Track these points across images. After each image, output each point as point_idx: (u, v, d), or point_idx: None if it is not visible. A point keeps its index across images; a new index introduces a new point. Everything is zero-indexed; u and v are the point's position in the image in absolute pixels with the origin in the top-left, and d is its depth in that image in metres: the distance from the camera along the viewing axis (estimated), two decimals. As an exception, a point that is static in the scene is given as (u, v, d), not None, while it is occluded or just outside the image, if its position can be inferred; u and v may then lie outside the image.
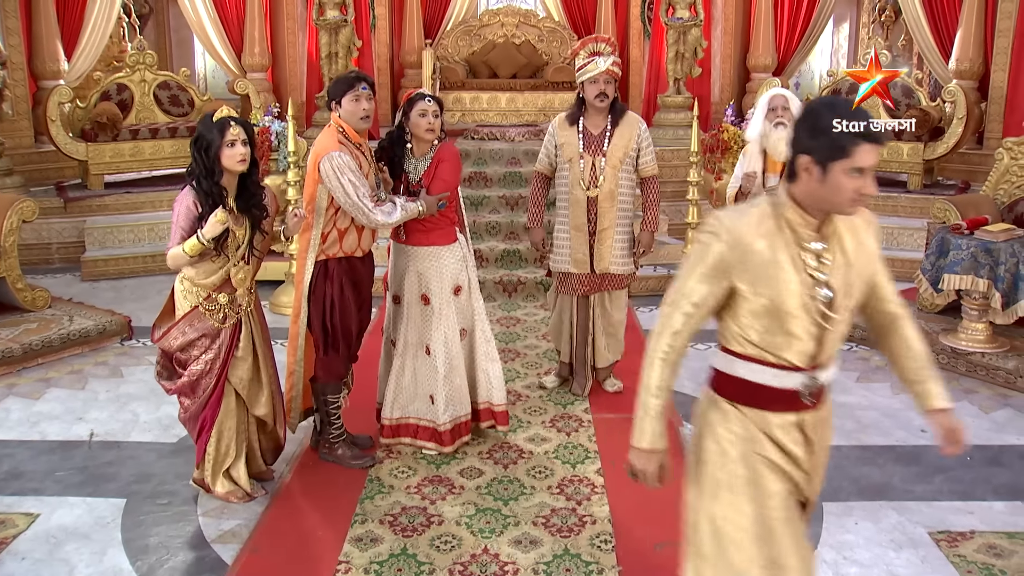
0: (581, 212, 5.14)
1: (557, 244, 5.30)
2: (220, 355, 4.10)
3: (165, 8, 13.34)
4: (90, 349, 6.25)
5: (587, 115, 5.15)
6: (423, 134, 4.51)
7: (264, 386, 4.30)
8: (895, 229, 8.27)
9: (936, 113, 8.72)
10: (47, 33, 9.24)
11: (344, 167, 4.22)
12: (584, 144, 5.11)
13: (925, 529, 4.06)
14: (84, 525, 4.08)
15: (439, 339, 4.63)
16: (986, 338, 5.86)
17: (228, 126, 3.88)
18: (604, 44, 5.07)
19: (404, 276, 4.67)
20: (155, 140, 9.01)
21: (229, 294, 4.06)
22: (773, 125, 5.02)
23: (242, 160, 3.90)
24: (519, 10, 11.36)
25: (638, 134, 5.13)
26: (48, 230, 8.40)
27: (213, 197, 3.88)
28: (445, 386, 4.65)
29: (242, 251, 4.05)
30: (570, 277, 5.28)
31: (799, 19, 10.57)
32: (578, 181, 5.11)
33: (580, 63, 5.07)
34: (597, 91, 5.03)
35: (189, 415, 4.19)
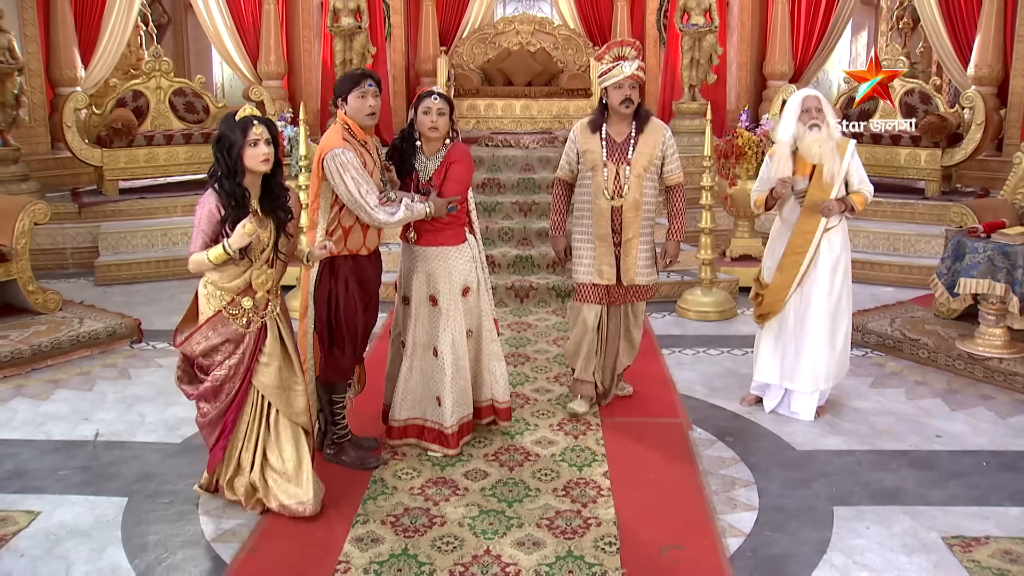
0: (605, 222, 4.94)
1: (579, 255, 5.10)
2: (244, 360, 3.96)
3: (183, 18, 13.42)
4: (99, 351, 6.25)
5: (610, 121, 4.95)
6: (427, 132, 4.48)
7: (300, 392, 4.13)
8: (912, 236, 8.17)
9: (954, 119, 8.61)
10: (64, 40, 9.33)
11: (347, 164, 4.18)
12: (608, 152, 4.91)
13: (939, 534, 3.96)
14: (84, 523, 4.05)
15: (447, 340, 4.58)
16: (1004, 343, 5.75)
17: (251, 125, 3.78)
18: (629, 48, 4.89)
19: (413, 276, 4.63)
20: (170, 146, 9.05)
21: (253, 298, 3.93)
22: (808, 127, 4.89)
23: (265, 160, 3.79)
24: (534, 18, 11.34)
25: (663, 141, 4.93)
26: (63, 235, 8.44)
27: (236, 199, 3.77)
28: (452, 388, 4.62)
29: (267, 255, 3.93)
30: (595, 288, 5.07)
31: (816, 26, 10.50)
32: (602, 191, 4.91)
33: (604, 68, 4.88)
34: (622, 97, 4.83)
35: (208, 420, 4.05)
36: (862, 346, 6.35)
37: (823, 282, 5.01)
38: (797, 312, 5.09)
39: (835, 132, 4.94)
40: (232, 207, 3.77)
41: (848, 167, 4.96)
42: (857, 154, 5.04)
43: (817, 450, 4.82)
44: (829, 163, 4.89)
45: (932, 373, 5.87)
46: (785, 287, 5.07)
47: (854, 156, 5.00)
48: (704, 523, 4.06)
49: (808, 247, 4.99)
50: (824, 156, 4.88)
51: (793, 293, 5.06)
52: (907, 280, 7.83)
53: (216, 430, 4.05)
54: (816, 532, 3.99)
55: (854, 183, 4.99)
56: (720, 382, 5.76)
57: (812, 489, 4.38)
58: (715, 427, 5.09)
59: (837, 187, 4.93)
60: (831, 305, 5.03)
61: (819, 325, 5.04)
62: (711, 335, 6.76)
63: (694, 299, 7.24)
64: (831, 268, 5.02)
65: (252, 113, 3.88)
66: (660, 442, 4.86)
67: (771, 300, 5.13)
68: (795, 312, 5.10)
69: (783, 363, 5.15)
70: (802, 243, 5.00)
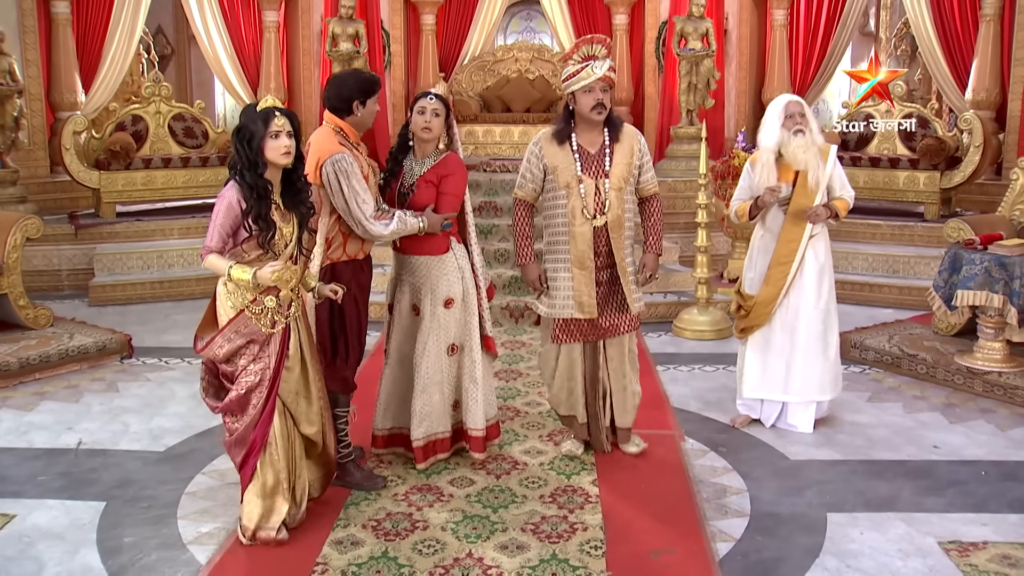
0: (586, 246, 4.36)
1: (555, 287, 4.49)
2: (271, 364, 3.68)
3: (186, 50, 13.55)
4: (88, 366, 6.19)
5: (579, 130, 4.41)
6: (420, 133, 4.34)
7: (313, 400, 3.89)
8: (912, 258, 8.11)
9: (953, 142, 8.59)
10: (66, 65, 9.40)
11: (348, 171, 4.02)
12: (582, 165, 4.36)
13: (935, 539, 3.85)
14: (59, 526, 3.97)
15: (420, 351, 4.44)
16: (1003, 357, 5.65)
17: (273, 116, 3.61)
18: (599, 46, 4.34)
19: (398, 285, 4.54)
20: (168, 170, 9.06)
21: (277, 296, 3.66)
22: (792, 133, 4.79)
23: (286, 153, 3.62)
24: (533, 46, 11.41)
25: (639, 149, 4.47)
26: (58, 256, 8.43)
27: (259, 190, 3.58)
28: (419, 400, 4.44)
29: (291, 250, 3.73)
30: (577, 323, 4.49)
31: (814, 53, 10.52)
32: (580, 210, 4.34)
33: (571, 69, 4.35)
34: (593, 101, 4.29)
35: (236, 438, 3.72)
36: (860, 363, 6.26)
37: (810, 291, 4.91)
38: (784, 323, 4.96)
39: (817, 137, 4.86)
40: (255, 199, 3.58)
41: (831, 172, 4.88)
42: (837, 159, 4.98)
43: (811, 460, 4.72)
44: (814, 169, 4.80)
45: (931, 388, 5.77)
46: (772, 300, 4.94)
47: (837, 162, 4.93)
48: (694, 528, 3.96)
49: (794, 256, 4.88)
50: (808, 162, 4.80)
51: (779, 304, 4.94)
52: (906, 302, 7.74)
53: (244, 448, 3.71)
54: (808, 537, 3.89)
55: (836, 188, 4.91)
56: (714, 396, 5.67)
57: (805, 497, 4.28)
58: (707, 439, 4.99)
59: (821, 193, 4.84)
60: (820, 313, 4.93)
61: (810, 335, 4.92)
62: (707, 353, 6.68)
63: (690, 318, 7.17)
64: (817, 277, 4.91)
65: (274, 104, 3.67)
66: (651, 452, 4.76)
67: (758, 313, 4.99)
68: (782, 323, 4.96)
69: (773, 377, 5.01)
70: (788, 252, 4.89)
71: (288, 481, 3.78)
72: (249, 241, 3.62)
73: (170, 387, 5.80)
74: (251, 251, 3.63)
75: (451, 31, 11.62)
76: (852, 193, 4.97)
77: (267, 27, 10.61)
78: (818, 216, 4.81)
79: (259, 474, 3.73)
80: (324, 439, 3.96)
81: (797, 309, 4.93)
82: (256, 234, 3.60)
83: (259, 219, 3.58)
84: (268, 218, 3.61)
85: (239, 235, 3.62)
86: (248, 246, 3.62)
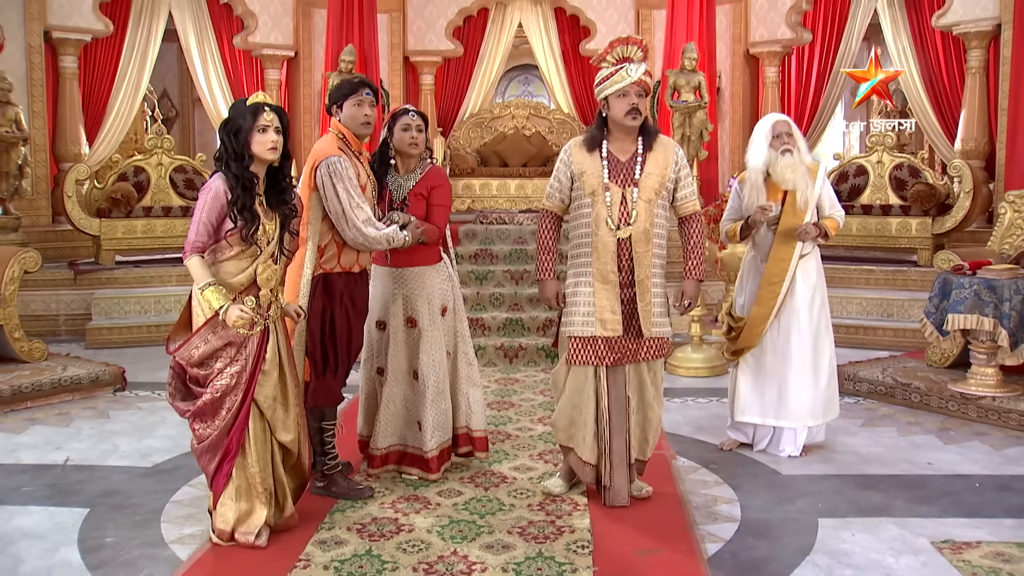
0: (609, 258, 4.07)
1: (574, 302, 4.17)
2: (247, 367, 3.60)
3: (191, 111, 13.85)
4: (81, 396, 6.17)
5: (611, 138, 4.13)
6: (407, 148, 4.40)
7: (291, 407, 3.79)
8: (905, 301, 8.11)
9: (944, 189, 8.69)
10: (71, 117, 9.60)
11: (341, 173, 4.02)
12: (610, 173, 4.07)
13: (928, 540, 3.80)
14: (41, 528, 3.93)
15: (427, 362, 4.45)
16: (996, 382, 5.63)
17: (262, 110, 3.58)
18: (635, 47, 4.10)
19: (390, 300, 4.52)
20: (168, 219, 9.14)
21: (257, 296, 3.63)
22: (780, 152, 4.80)
23: (273, 148, 3.59)
24: (530, 103, 11.66)
25: (675, 160, 4.15)
26: (57, 302, 8.45)
27: (244, 182, 3.54)
28: (432, 411, 4.46)
29: (272, 248, 3.67)
30: (594, 343, 4.11)
31: (805, 109, 10.75)
32: (604, 219, 4.05)
33: (604, 73, 4.09)
34: (628, 106, 4.00)
35: (207, 444, 3.61)
36: (853, 394, 6.22)
37: (802, 312, 4.86)
38: (775, 345, 4.90)
39: (805, 156, 4.87)
40: (240, 190, 3.55)
41: (820, 191, 4.88)
42: (827, 179, 5.01)
43: (803, 474, 4.67)
44: (803, 188, 4.81)
45: (925, 415, 5.73)
46: (763, 320, 4.89)
47: (826, 180, 4.96)
48: (683, 531, 3.92)
49: (784, 275, 4.85)
50: (797, 181, 4.81)
51: (771, 325, 4.89)
52: (901, 343, 7.73)
53: (217, 454, 3.62)
54: (799, 539, 3.84)
55: (826, 208, 4.91)
56: (707, 423, 5.63)
57: (796, 505, 4.24)
58: (699, 457, 4.95)
59: (811, 212, 4.85)
60: (811, 335, 4.87)
61: (801, 357, 4.86)
62: (701, 388, 6.65)
63: (684, 356, 7.16)
64: (809, 297, 4.87)
65: (264, 100, 3.66)
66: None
67: (748, 334, 4.95)
68: (773, 345, 4.91)
69: (765, 400, 4.94)
70: (778, 271, 4.87)
71: (264, 484, 3.70)
72: (232, 234, 3.57)
73: (162, 414, 5.78)
74: (234, 244, 3.58)
75: (449, 92, 11.89)
76: (842, 212, 4.98)
77: (269, 85, 10.88)
78: (807, 234, 4.81)
79: (234, 478, 3.66)
80: (300, 448, 3.86)
81: (788, 330, 4.88)
82: (240, 226, 3.56)
83: (244, 209, 3.55)
84: (253, 210, 3.58)
85: (223, 228, 3.58)
86: (232, 239, 3.58)
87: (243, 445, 3.66)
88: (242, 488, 3.68)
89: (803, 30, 10.67)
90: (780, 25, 10.72)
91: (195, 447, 3.69)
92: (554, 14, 11.69)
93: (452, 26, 11.55)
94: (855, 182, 9.28)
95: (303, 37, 11.08)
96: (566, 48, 11.77)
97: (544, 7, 11.63)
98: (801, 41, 10.72)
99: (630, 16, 11.45)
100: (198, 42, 10.64)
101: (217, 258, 3.60)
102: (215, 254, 3.60)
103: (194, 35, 10.61)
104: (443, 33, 11.54)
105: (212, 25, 10.71)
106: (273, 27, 10.89)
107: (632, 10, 11.44)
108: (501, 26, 11.77)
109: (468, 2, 11.52)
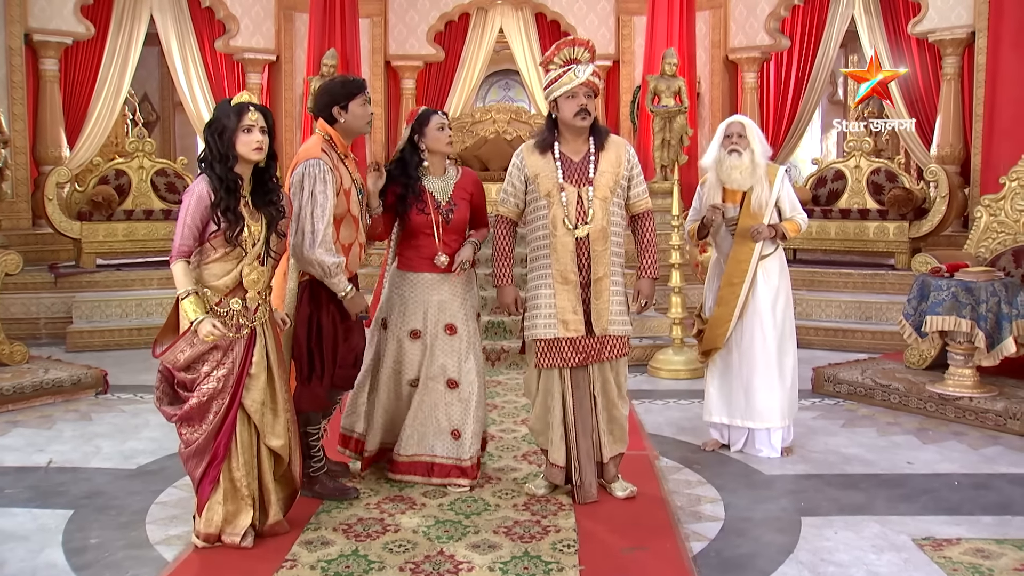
0: (568, 258, 4.10)
1: (535, 304, 4.21)
2: (234, 371, 3.58)
3: (171, 116, 13.80)
4: (63, 399, 6.14)
5: (562, 139, 4.16)
6: (444, 148, 4.34)
7: (280, 412, 3.76)
8: (883, 304, 8.19)
9: (920, 194, 8.80)
10: (51, 120, 9.53)
11: (317, 177, 3.94)
12: (564, 173, 4.11)
13: (909, 537, 3.85)
14: (25, 530, 3.92)
15: (469, 369, 4.36)
16: (973, 383, 5.71)
17: (246, 110, 3.54)
18: (582, 48, 4.14)
19: (424, 308, 4.36)
20: (149, 222, 9.10)
21: (243, 299, 3.61)
22: (727, 152, 4.81)
23: (258, 148, 3.54)
24: (511, 107, 11.67)
25: (628, 159, 4.20)
26: (37, 305, 8.39)
27: (228, 183, 3.51)
28: (474, 420, 4.37)
29: (258, 249, 3.62)
30: (558, 344, 4.15)
31: (784, 115, 10.85)
32: (561, 219, 4.08)
33: (553, 75, 4.12)
34: (576, 107, 4.05)
35: (194, 448, 3.59)
36: (833, 396, 6.29)
37: (765, 314, 4.87)
38: (740, 346, 4.93)
39: (759, 158, 4.82)
40: (224, 192, 3.52)
41: (779, 195, 4.87)
42: (788, 181, 4.99)
43: (784, 474, 4.73)
44: (756, 190, 4.81)
45: (904, 415, 5.80)
46: (725, 320, 4.92)
47: (784, 183, 4.92)
48: (667, 529, 3.95)
49: (744, 276, 4.86)
50: (742, 182, 4.81)
51: (734, 327, 4.92)
52: (879, 346, 7.81)
53: (204, 459, 3.60)
54: (783, 537, 3.89)
55: (787, 210, 4.90)
56: (689, 424, 5.66)
57: (779, 504, 4.29)
58: (682, 457, 4.99)
59: (768, 215, 4.84)
60: (775, 338, 4.88)
61: (766, 358, 4.88)
62: (682, 390, 6.69)
63: (665, 359, 7.20)
64: (771, 299, 4.88)
65: (249, 100, 3.62)
66: (625, 468, 4.67)
67: (711, 335, 4.99)
68: (738, 346, 4.94)
69: (732, 401, 4.98)
70: (737, 272, 4.88)
71: (249, 489, 3.68)
72: (216, 236, 3.55)
73: (145, 417, 5.75)
74: (218, 247, 3.55)
75: (430, 96, 11.88)
76: (805, 217, 4.96)
77: (251, 89, 10.81)
78: (759, 234, 4.80)
79: (220, 482, 3.64)
80: (290, 454, 3.83)
81: (752, 331, 4.90)
82: (224, 228, 3.54)
83: (228, 211, 3.52)
84: (237, 212, 3.56)
85: (207, 230, 3.55)
86: (216, 242, 3.55)
87: (229, 450, 3.65)
88: (228, 491, 3.67)
89: (781, 36, 10.76)
90: (759, 31, 10.81)
91: (182, 452, 3.67)
92: (535, 19, 11.71)
93: (433, 31, 11.58)
94: (833, 186, 9.40)
95: (285, 41, 11.06)
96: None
97: (525, 12, 11.67)
98: (780, 47, 10.81)
99: (610, 21, 11.54)
100: (180, 46, 10.60)
101: (202, 260, 3.58)
102: (200, 256, 3.58)
103: (175, 39, 10.56)
104: (424, 38, 11.57)
105: (194, 29, 10.65)
106: (255, 31, 10.87)
107: (612, 16, 11.52)
108: (482, 31, 11.80)
109: (449, 7, 11.55)
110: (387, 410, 4.52)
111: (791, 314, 5.01)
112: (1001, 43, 8.46)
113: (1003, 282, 5.60)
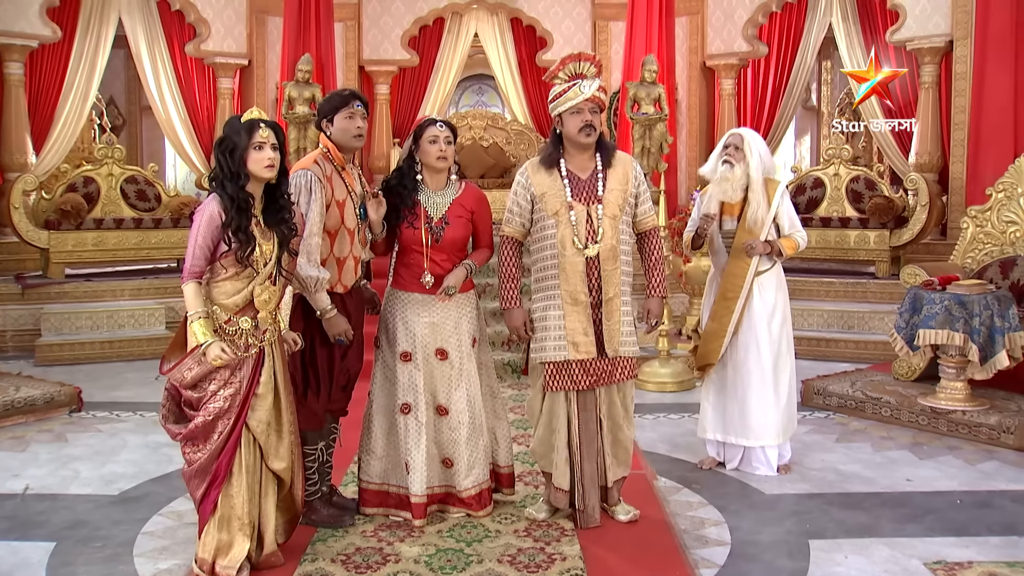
0: (578, 279, 3.99)
1: (544, 327, 4.08)
2: (241, 390, 3.51)
3: (138, 120, 13.51)
4: (35, 419, 5.93)
5: (568, 156, 4.07)
6: (435, 163, 4.11)
7: (284, 434, 3.66)
8: (866, 313, 8.21)
9: (900, 202, 8.83)
10: (17, 125, 9.27)
11: (302, 188, 3.86)
12: (572, 191, 4.02)
13: (920, 561, 3.79)
14: (6, 565, 3.74)
15: (461, 398, 4.14)
16: (965, 396, 5.69)
17: (257, 127, 3.46)
18: (588, 64, 4.04)
19: (415, 329, 4.14)
20: (120, 231, 8.88)
21: (252, 318, 3.53)
22: (721, 163, 4.77)
23: (270, 165, 3.45)
24: (487, 113, 11.59)
25: (635, 176, 4.12)
26: (3, 317, 8.15)
27: (239, 203, 3.43)
28: (467, 449, 4.16)
29: (270, 268, 3.54)
30: (568, 367, 4.03)
31: (761, 122, 10.84)
32: (571, 239, 3.98)
33: (558, 90, 4.04)
34: (581, 123, 3.96)
35: (196, 468, 3.50)
36: (823, 408, 6.25)
37: (761, 330, 4.80)
38: (735, 363, 4.86)
39: (754, 173, 4.75)
40: (235, 211, 3.43)
41: (777, 210, 4.80)
42: (788, 197, 4.93)
43: (786, 494, 4.65)
44: (753, 205, 4.75)
45: (896, 429, 5.77)
46: (719, 335, 4.85)
47: (784, 199, 4.85)
48: (676, 556, 3.86)
49: (739, 292, 4.80)
50: (731, 195, 4.76)
51: (729, 343, 4.84)
52: (862, 356, 7.81)
53: (206, 479, 3.50)
54: (793, 562, 3.81)
55: (785, 227, 4.84)
56: (683, 440, 5.59)
57: (784, 526, 4.21)
58: (680, 477, 4.91)
59: (766, 230, 4.77)
60: (771, 355, 4.81)
61: (760, 375, 4.81)
62: (671, 403, 6.62)
63: (652, 371, 7.13)
64: (767, 316, 4.81)
65: (259, 116, 3.54)
66: (624, 489, 4.60)
67: (705, 350, 4.92)
68: (733, 362, 4.87)
69: (727, 418, 4.91)
70: (732, 287, 4.82)
71: (249, 516, 3.55)
72: (227, 256, 3.45)
73: (122, 437, 5.57)
74: (229, 267, 3.47)
75: (405, 101, 11.77)
76: (804, 234, 4.89)
77: (222, 94, 10.67)
78: (753, 249, 4.74)
79: (219, 506, 3.52)
80: (292, 478, 3.72)
81: (747, 347, 4.83)
82: (235, 248, 3.44)
83: (239, 231, 3.43)
84: (248, 231, 3.46)
85: (218, 250, 3.46)
86: (226, 261, 3.46)
87: (231, 472, 3.52)
88: (224, 518, 3.53)
89: (759, 43, 10.77)
90: (736, 38, 10.81)
91: (185, 471, 3.58)
92: (510, 24, 11.64)
93: (407, 35, 11.42)
94: (812, 194, 9.40)
95: (257, 45, 10.85)
96: (522, 59, 11.71)
97: (500, 17, 11.57)
98: (757, 54, 10.82)
99: (587, 27, 11.48)
100: (149, 49, 10.36)
101: (213, 279, 3.49)
102: (211, 275, 3.49)
103: (145, 42, 10.32)
104: (398, 42, 11.41)
105: (163, 32, 10.43)
106: (226, 35, 10.65)
107: (589, 21, 11.46)
108: (457, 36, 11.68)
109: (424, 12, 11.41)
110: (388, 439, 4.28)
111: (789, 331, 4.94)
112: (987, 53, 8.51)
113: (996, 295, 5.59)
